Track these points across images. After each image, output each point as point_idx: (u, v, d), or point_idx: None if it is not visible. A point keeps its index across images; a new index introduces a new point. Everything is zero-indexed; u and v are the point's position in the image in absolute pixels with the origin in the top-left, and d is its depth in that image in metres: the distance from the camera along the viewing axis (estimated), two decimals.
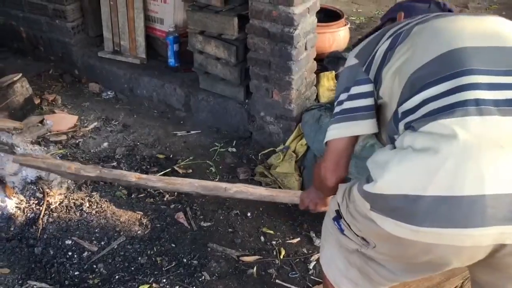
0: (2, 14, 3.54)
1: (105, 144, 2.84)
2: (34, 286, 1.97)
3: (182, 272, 2.08)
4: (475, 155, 1.00)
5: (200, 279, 2.06)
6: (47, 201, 2.36)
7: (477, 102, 1.04)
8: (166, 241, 2.23)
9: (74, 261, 2.09)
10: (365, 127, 1.28)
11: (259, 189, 2.00)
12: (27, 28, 3.50)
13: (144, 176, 2.08)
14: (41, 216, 2.27)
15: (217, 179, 2.60)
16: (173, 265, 2.11)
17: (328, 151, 1.33)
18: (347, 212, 1.26)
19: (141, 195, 2.48)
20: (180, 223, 2.33)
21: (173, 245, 2.21)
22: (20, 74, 2.73)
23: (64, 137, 2.84)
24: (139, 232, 2.27)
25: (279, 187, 2.55)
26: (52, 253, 2.12)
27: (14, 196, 2.35)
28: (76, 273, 2.04)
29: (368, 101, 1.26)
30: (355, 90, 1.27)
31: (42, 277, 2.01)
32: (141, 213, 2.36)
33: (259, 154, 2.77)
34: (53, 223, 2.26)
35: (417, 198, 1.02)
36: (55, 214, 2.30)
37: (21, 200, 2.36)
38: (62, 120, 2.93)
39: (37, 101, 3.03)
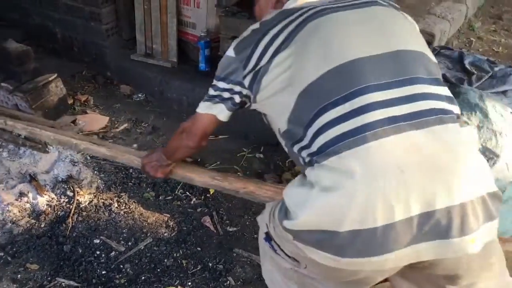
0: (39, 15, 3.63)
1: (135, 145, 2.87)
2: (63, 283, 2.00)
3: (207, 276, 2.08)
4: (380, 185, 1.02)
5: (225, 284, 2.06)
6: (77, 200, 2.40)
7: (373, 125, 1.06)
8: (192, 244, 2.24)
9: (102, 260, 2.12)
10: (223, 114, 1.40)
11: (102, 148, 2.00)
12: (62, 30, 3.58)
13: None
14: (71, 214, 2.31)
15: None
16: (198, 268, 2.12)
17: (196, 120, 1.45)
18: (276, 234, 1.28)
19: (169, 198, 2.50)
20: (206, 227, 2.34)
21: (199, 248, 2.22)
22: (56, 75, 2.78)
23: (95, 137, 2.88)
24: (165, 234, 2.28)
25: None
26: (80, 251, 2.15)
27: (45, 194, 2.40)
28: (103, 272, 2.07)
29: (237, 98, 1.35)
30: (231, 86, 1.33)
31: (70, 275, 2.04)
32: (168, 215, 2.38)
33: (287, 161, 2.76)
34: (82, 222, 2.29)
35: (334, 234, 1.06)
36: (84, 213, 2.34)
37: (52, 198, 2.40)
38: (94, 121, 2.98)
39: (70, 101, 3.09)
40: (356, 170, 1.04)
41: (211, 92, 1.39)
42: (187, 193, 2.54)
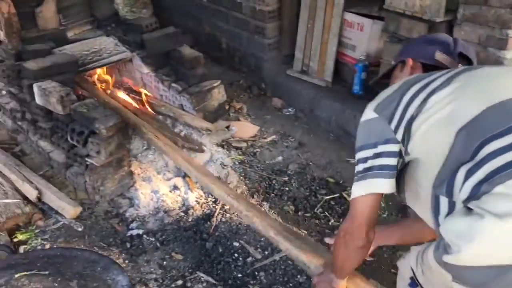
0: (210, 25, 3.93)
1: (280, 158, 2.95)
2: (202, 278, 2.12)
3: None
4: None
5: None
6: (222, 201, 2.53)
7: None
8: None
9: (239, 263, 2.20)
10: (387, 186, 1.23)
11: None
12: (228, 40, 3.83)
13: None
14: (216, 214, 2.44)
15: (385, 215, 2.52)
16: None
17: (356, 209, 1.29)
18: (424, 279, 1.18)
19: (307, 215, 2.52)
20: None
21: None
22: (219, 81, 2.99)
23: (244, 144, 3.02)
24: None
25: None
26: (220, 250, 2.26)
27: (195, 191, 2.58)
28: (239, 275, 2.14)
29: (393, 161, 1.22)
30: (382, 148, 1.23)
31: (209, 271, 2.15)
32: (305, 231, 2.40)
33: None
34: (225, 223, 2.41)
35: (509, 269, 0.95)
36: (227, 215, 2.46)
37: (201, 196, 2.57)
38: (245, 128, 3.12)
39: (226, 107, 3.29)
40: None
41: (360, 167, 1.26)
42: (326, 213, 2.53)
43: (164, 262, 2.20)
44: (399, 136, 1.21)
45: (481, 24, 2.23)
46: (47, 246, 2.22)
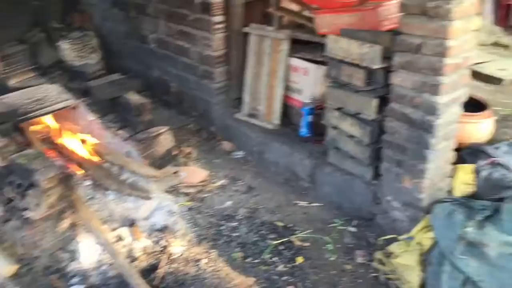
0: (159, 69, 3.94)
1: (229, 202, 2.94)
2: None
3: None
4: None
5: None
6: (169, 250, 2.47)
7: None
8: None
9: None
10: None
11: None
12: (177, 84, 3.85)
13: None
14: (162, 264, 2.38)
15: (333, 258, 2.53)
16: None
17: None
18: None
19: (256, 261, 2.49)
20: None
21: None
22: (167, 128, 2.98)
23: (193, 190, 3.00)
24: None
25: (398, 279, 2.40)
26: None
27: (141, 240, 2.51)
28: None
29: None
30: None
31: None
32: (254, 279, 2.36)
33: (380, 239, 2.65)
34: (171, 274, 2.35)
35: None
36: (174, 265, 2.40)
37: (147, 245, 2.50)
38: (194, 174, 3.11)
39: (174, 152, 3.26)
40: None
41: None
42: (275, 258, 2.52)
43: None
44: None
45: (415, 71, 2.33)
46: None
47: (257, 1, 3.41)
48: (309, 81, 3.19)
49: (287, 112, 3.43)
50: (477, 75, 4.32)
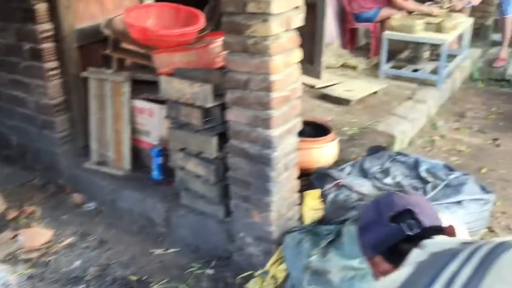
0: None
1: (78, 262, 2.70)
2: None
3: None
4: None
5: None
6: None
7: None
8: None
9: None
10: None
11: None
12: (17, 137, 3.53)
13: None
14: None
15: None
16: None
17: None
18: None
19: None
20: None
21: None
22: None
23: (35, 254, 2.72)
24: None
25: None
26: None
27: None
28: None
29: None
30: None
31: None
32: None
33: (238, 278, 2.59)
34: None
35: None
36: None
37: None
38: (36, 236, 2.82)
39: (14, 213, 2.96)
40: None
41: None
42: None
43: None
44: None
45: (247, 107, 2.34)
46: None
47: (94, 44, 3.26)
48: (155, 122, 3.09)
49: (139, 155, 3.29)
50: (327, 98, 4.55)
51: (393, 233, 1.20)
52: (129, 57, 3.15)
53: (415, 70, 5.10)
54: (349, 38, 5.82)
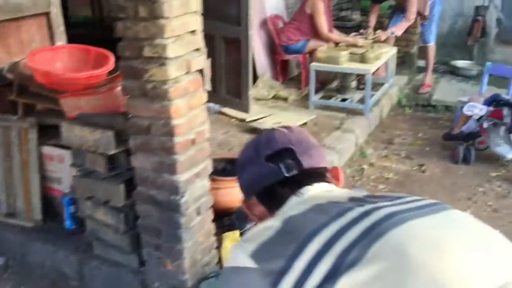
0: None
1: None
2: None
3: None
4: None
5: None
6: None
7: None
8: None
9: None
10: None
11: None
12: None
13: None
14: None
15: None
16: None
17: None
18: None
19: None
20: None
21: None
22: None
23: None
24: None
25: None
26: None
27: None
28: None
29: None
30: None
31: None
32: None
33: None
34: None
35: None
36: None
37: None
38: None
39: None
40: None
41: None
42: None
43: None
44: None
45: (151, 152, 2.25)
46: None
47: (0, 89, 3.09)
48: (65, 169, 2.93)
49: (52, 203, 3.11)
50: (257, 131, 4.53)
51: (268, 173, 1.09)
52: (37, 102, 3.01)
53: (344, 100, 5.18)
54: (280, 69, 5.87)
